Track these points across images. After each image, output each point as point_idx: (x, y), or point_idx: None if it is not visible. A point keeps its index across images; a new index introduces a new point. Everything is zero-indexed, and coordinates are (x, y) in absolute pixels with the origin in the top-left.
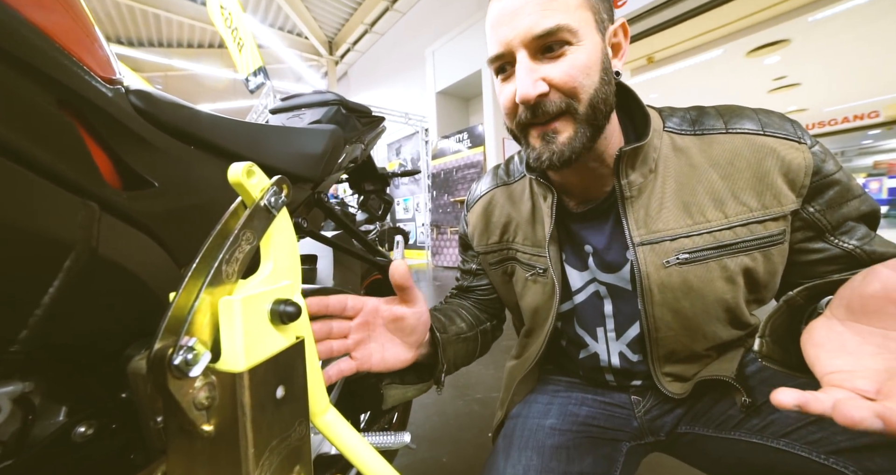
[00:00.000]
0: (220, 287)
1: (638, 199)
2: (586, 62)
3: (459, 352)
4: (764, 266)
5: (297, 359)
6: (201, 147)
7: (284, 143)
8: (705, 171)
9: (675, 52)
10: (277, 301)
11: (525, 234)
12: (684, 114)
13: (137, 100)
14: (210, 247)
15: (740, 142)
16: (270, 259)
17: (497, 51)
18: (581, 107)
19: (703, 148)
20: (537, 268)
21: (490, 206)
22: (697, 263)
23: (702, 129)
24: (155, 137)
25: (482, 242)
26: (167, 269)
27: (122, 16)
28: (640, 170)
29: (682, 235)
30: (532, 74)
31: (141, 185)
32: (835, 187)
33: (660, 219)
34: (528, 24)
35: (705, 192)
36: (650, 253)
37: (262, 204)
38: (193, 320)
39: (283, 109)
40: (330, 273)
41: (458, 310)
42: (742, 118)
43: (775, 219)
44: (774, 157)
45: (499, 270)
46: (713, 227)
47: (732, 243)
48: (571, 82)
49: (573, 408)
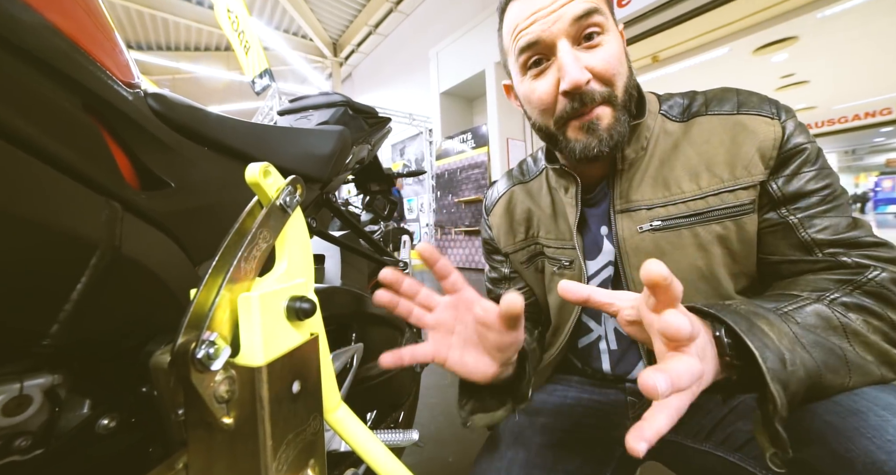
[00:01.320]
0: (239, 284)
1: (626, 172)
2: (618, 51)
3: (535, 363)
4: (737, 234)
5: (311, 355)
6: (214, 148)
7: (294, 144)
8: (684, 149)
9: (681, 51)
10: (293, 298)
11: (548, 229)
12: (679, 99)
13: (155, 103)
14: (229, 246)
15: (717, 122)
16: (285, 257)
17: (530, 39)
18: (619, 93)
19: (686, 130)
20: (563, 260)
21: (511, 204)
22: (669, 230)
23: (689, 114)
24: (171, 139)
25: (509, 241)
26: (184, 267)
27: (131, 20)
28: (634, 146)
29: (657, 205)
30: (578, 62)
31: (158, 186)
32: (798, 159)
33: (639, 191)
34: (568, 8)
35: (682, 168)
36: (627, 220)
37: (277, 203)
38: (214, 316)
39: (291, 111)
40: (338, 272)
41: None
42: (723, 101)
43: (745, 188)
44: (747, 132)
45: (531, 268)
46: (687, 197)
47: (704, 211)
48: (611, 70)
49: (567, 407)
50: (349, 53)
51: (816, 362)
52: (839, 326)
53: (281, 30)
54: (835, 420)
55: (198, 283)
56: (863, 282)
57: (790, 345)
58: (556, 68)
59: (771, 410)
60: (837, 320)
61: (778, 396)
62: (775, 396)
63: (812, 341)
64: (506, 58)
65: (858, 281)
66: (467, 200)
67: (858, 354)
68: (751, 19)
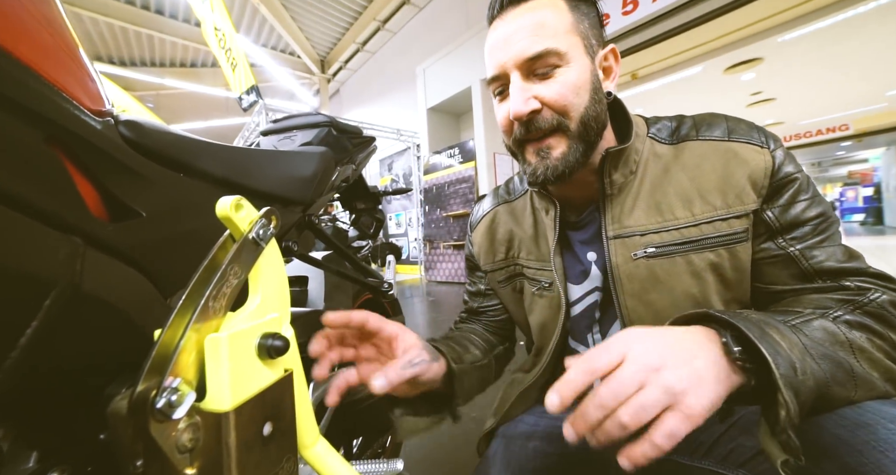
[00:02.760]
0: (207, 323)
1: (617, 197)
2: (576, 82)
3: (475, 381)
4: (730, 263)
5: (285, 394)
6: (190, 174)
7: (274, 167)
8: (676, 174)
9: (658, 69)
10: (265, 335)
11: (529, 249)
12: (667, 122)
13: (126, 130)
14: (197, 283)
15: (708, 147)
16: (259, 291)
17: (494, 73)
18: (572, 124)
19: (677, 154)
20: (542, 282)
21: (493, 224)
22: (664, 257)
23: (678, 137)
24: (143, 167)
25: (489, 260)
26: (153, 302)
27: (115, 36)
28: (622, 170)
29: (651, 231)
30: (524, 93)
31: (129, 216)
32: (791, 188)
33: (632, 216)
34: (520, 48)
35: (675, 193)
36: (620, 246)
37: (250, 237)
38: (178, 359)
39: (275, 131)
40: (321, 295)
41: (470, 337)
42: (712, 126)
43: (738, 217)
44: (738, 160)
45: (508, 288)
46: (680, 224)
47: (698, 239)
48: (562, 100)
49: (558, 430)
50: (337, 70)
51: (825, 373)
52: (846, 342)
53: (269, 47)
54: (843, 433)
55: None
56: (864, 302)
57: (800, 355)
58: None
59: (783, 417)
60: (844, 336)
61: (790, 402)
62: (788, 402)
63: (821, 353)
64: None
65: (860, 301)
66: (455, 214)
67: (864, 369)
68: (720, 41)
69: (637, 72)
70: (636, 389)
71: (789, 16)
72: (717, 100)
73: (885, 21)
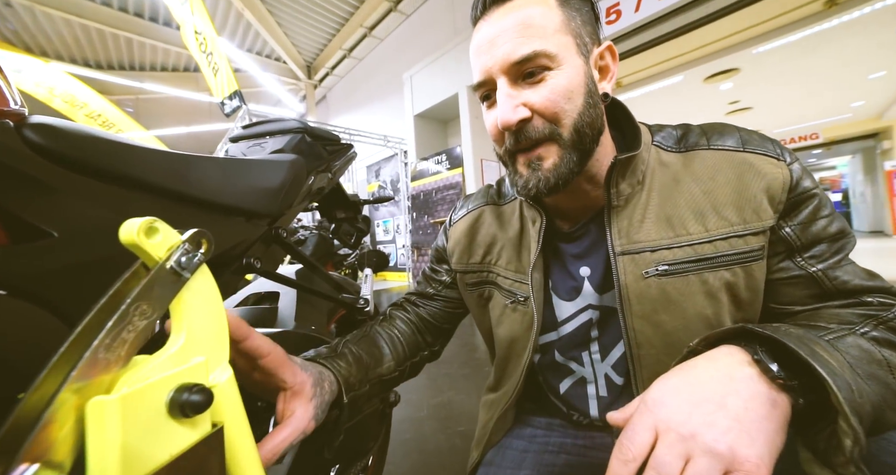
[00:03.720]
0: (95, 381)
1: (624, 209)
2: (567, 86)
3: (371, 397)
4: (745, 282)
5: (208, 456)
6: (123, 185)
7: (236, 177)
8: (688, 185)
9: (642, 78)
10: (181, 388)
11: (509, 259)
12: (672, 130)
13: (35, 135)
14: (87, 327)
15: (721, 158)
16: (182, 330)
17: (479, 78)
18: (565, 132)
19: (686, 163)
20: (518, 295)
21: (477, 224)
22: (677, 276)
23: (686, 145)
24: (56, 178)
25: (462, 260)
26: (56, 342)
27: (90, 39)
28: (629, 180)
29: (662, 247)
30: (512, 100)
31: (36, 237)
32: (809, 205)
33: (641, 230)
34: (506, 51)
35: (687, 206)
36: (630, 263)
37: (167, 266)
38: (44, 434)
39: (244, 137)
40: (292, 313)
41: (390, 341)
42: (724, 135)
43: (755, 233)
44: (754, 172)
45: (475, 293)
46: (694, 240)
47: (713, 257)
48: (553, 107)
49: (550, 456)
50: (324, 76)
51: (876, 395)
52: (882, 360)
53: (254, 52)
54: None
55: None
56: (889, 317)
57: (851, 375)
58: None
59: (849, 447)
60: (879, 354)
61: (857, 429)
62: (855, 429)
63: (866, 373)
64: None
65: (884, 317)
66: (443, 221)
67: None
68: (700, 51)
69: (620, 80)
70: (683, 465)
71: (763, 29)
72: (698, 108)
73: (850, 35)
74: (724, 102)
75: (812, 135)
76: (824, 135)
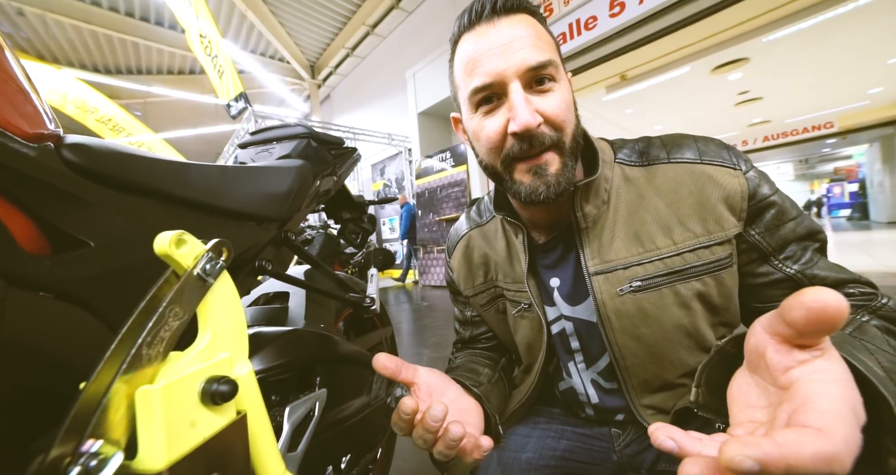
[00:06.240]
0: (140, 373)
1: (593, 230)
2: (567, 99)
3: (498, 397)
4: (717, 290)
5: (234, 439)
6: (152, 197)
7: (246, 185)
8: (652, 200)
9: (647, 70)
10: (210, 379)
11: (505, 272)
12: (634, 145)
13: (71, 154)
14: (131, 327)
15: (681, 170)
16: (208, 330)
17: (486, 81)
18: (567, 140)
19: (649, 178)
20: (522, 303)
21: (468, 249)
22: (651, 290)
23: (648, 159)
24: (90, 193)
25: (469, 285)
26: (99, 341)
27: (99, 45)
28: (594, 202)
29: (633, 263)
30: (530, 105)
31: (74, 247)
32: (771, 210)
33: (612, 249)
34: (523, 56)
35: (653, 220)
36: (604, 282)
37: (195, 273)
38: (103, 417)
39: (252, 144)
40: (302, 312)
41: (474, 360)
42: (682, 148)
43: (720, 243)
44: (713, 183)
45: (491, 310)
46: (663, 254)
47: (682, 269)
48: (561, 116)
49: (551, 441)
50: (327, 75)
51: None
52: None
53: (258, 53)
54: None
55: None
56: (877, 306)
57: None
58: (507, 108)
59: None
60: (888, 343)
61: None
62: None
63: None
64: (456, 91)
65: (873, 306)
66: (448, 218)
67: None
68: (707, 41)
69: (625, 73)
70: None
71: (773, 16)
72: (705, 99)
73: (864, 21)
74: (733, 93)
75: (827, 124)
76: (840, 123)
